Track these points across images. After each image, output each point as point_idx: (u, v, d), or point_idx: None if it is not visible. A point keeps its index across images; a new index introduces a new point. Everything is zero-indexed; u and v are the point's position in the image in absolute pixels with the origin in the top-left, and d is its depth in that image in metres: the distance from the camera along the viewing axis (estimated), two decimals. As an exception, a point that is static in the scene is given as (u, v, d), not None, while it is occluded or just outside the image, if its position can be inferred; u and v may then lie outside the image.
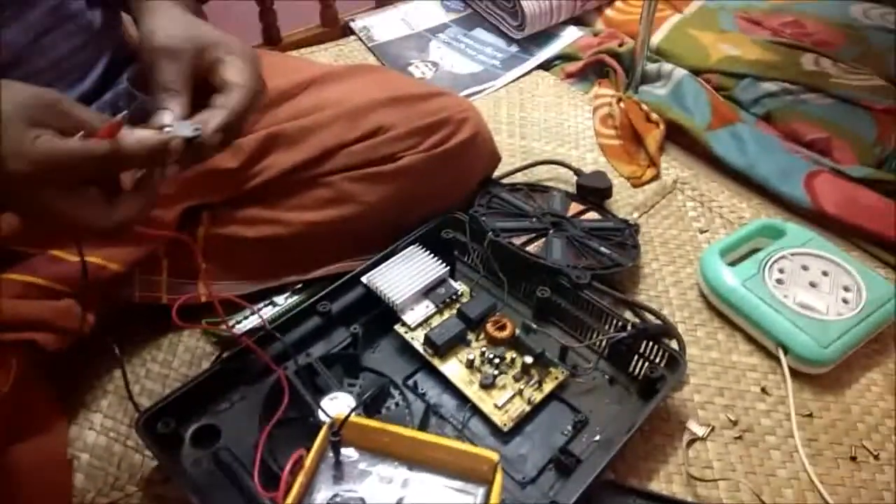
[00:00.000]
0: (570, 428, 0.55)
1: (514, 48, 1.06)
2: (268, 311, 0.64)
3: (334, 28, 1.08)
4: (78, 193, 0.38)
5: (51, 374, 0.55)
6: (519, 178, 0.80)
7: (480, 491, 0.45)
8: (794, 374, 0.62)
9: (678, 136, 0.89)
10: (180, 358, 0.61)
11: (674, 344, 0.59)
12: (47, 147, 0.37)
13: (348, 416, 0.46)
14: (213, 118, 0.42)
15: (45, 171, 0.37)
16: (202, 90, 0.45)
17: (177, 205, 0.59)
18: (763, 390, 0.62)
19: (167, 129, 0.40)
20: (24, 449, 0.50)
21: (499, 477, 0.45)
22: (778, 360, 0.63)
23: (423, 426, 0.55)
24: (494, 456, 0.45)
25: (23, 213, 0.41)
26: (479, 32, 1.09)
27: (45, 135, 0.37)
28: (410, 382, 0.59)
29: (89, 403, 0.56)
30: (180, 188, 0.59)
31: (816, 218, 0.79)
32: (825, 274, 0.69)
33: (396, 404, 0.56)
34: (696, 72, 0.96)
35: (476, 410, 0.56)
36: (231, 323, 0.60)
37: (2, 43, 0.51)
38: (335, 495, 0.44)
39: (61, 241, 0.54)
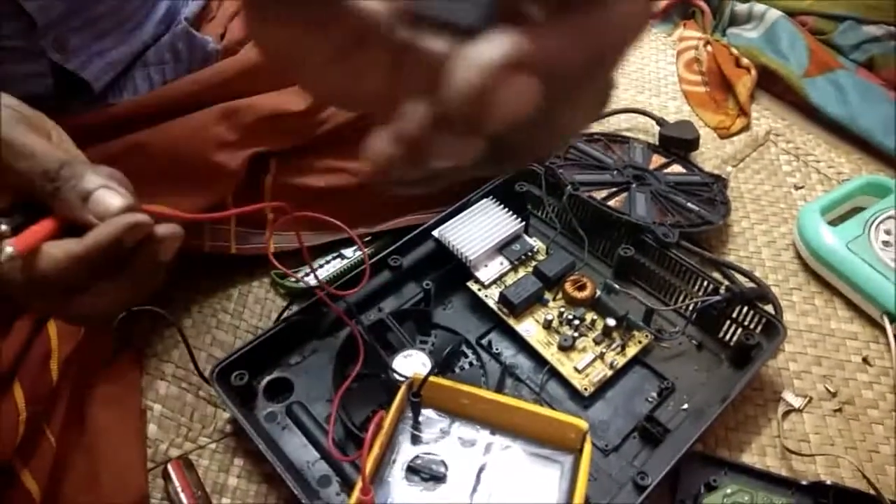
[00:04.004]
0: (655, 395, 0.52)
1: (588, -12, 0.99)
2: (336, 264, 0.62)
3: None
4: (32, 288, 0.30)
5: (123, 323, 0.54)
6: (595, 127, 0.75)
7: (567, 459, 0.43)
8: (900, 344, 0.58)
9: (770, 84, 0.82)
10: (250, 309, 0.59)
11: (769, 309, 0.55)
12: None
13: (428, 375, 0.44)
14: None
15: None
16: None
17: (243, 151, 0.57)
18: (865, 360, 0.58)
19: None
20: (99, 398, 0.50)
21: (588, 447, 0.42)
22: (882, 328, 0.59)
23: (499, 388, 0.52)
24: (584, 424, 0.42)
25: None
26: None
27: None
28: (484, 341, 0.56)
29: (161, 353, 0.56)
30: (246, 133, 0.57)
31: (924, 175, 0.72)
32: (936, 236, 0.63)
33: (470, 364, 0.54)
34: (790, 13, 0.88)
35: (554, 373, 0.53)
36: (301, 274, 0.58)
37: None
38: (416, 457, 0.43)
39: None
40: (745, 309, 0.54)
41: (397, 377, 0.49)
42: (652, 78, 0.84)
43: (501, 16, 0.16)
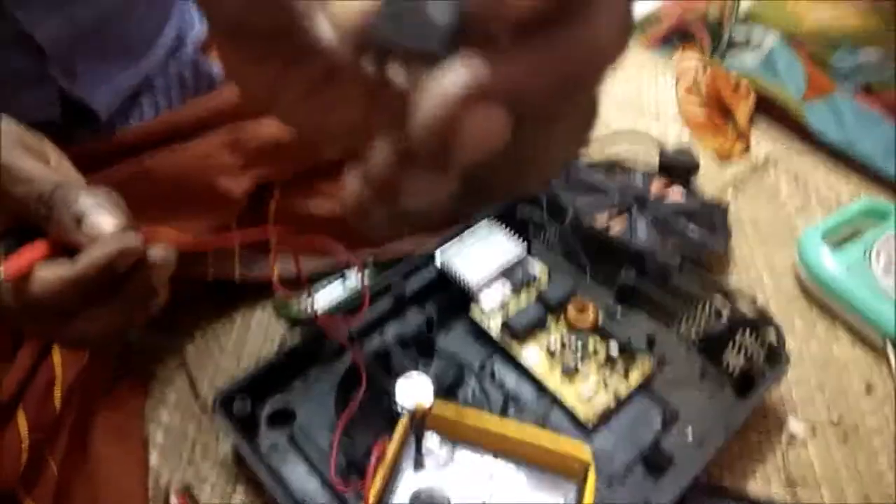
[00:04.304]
0: (659, 423, 0.52)
1: (588, 13, 1.00)
2: (339, 290, 0.62)
3: None
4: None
5: (127, 350, 0.54)
6: (595, 152, 0.76)
7: (571, 489, 0.43)
8: (903, 370, 0.58)
9: (769, 108, 0.83)
10: (253, 336, 0.59)
11: (772, 335, 0.55)
12: None
13: (431, 406, 0.44)
14: None
15: None
16: None
17: (246, 176, 0.58)
18: (868, 386, 0.57)
19: None
20: (101, 426, 0.50)
21: (591, 476, 0.42)
22: (885, 354, 0.59)
23: (502, 415, 0.52)
24: (587, 451, 0.42)
25: None
26: (551, -3, 1.03)
27: None
28: (487, 368, 0.56)
29: (163, 381, 0.56)
30: (250, 159, 0.58)
31: (924, 199, 0.73)
32: (937, 261, 0.63)
33: (473, 392, 0.54)
34: (788, 38, 0.89)
35: (557, 401, 0.53)
36: (304, 300, 0.58)
37: (68, 20, 0.49)
38: (419, 484, 0.43)
39: None
40: (748, 335, 0.54)
41: (400, 404, 0.49)
42: (651, 103, 0.85)
43: (468, 40, 0.15)
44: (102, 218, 0.29)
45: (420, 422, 0.43)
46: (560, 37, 0.15)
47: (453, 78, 0.14)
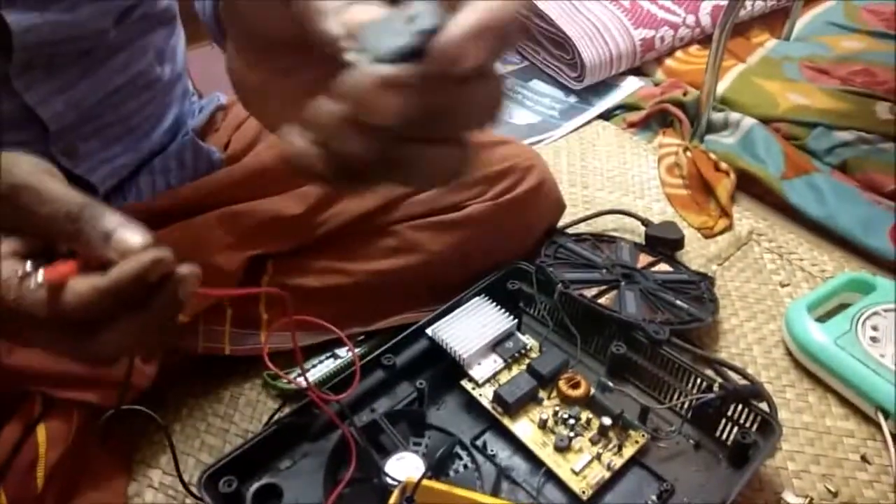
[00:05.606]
0: (654, 498, 0.51)
1: (572, 99, 1.05)
2: (329, 364, 0.62)
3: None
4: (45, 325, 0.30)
5: (112, 427, 0.53)
6: (583, 228, 0.78)
7: (566, 567, 0.41)
8: (898, 441, 0.57)
9: (749, 186, 0.86)
10: (241, 412, 0.59)
11: (764, 406, 0.54)
12: None
13: (421, 479, 0.43)
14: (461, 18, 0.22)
15: None
16: None
17: (241, 253, 0.59)
18: (863, 458, 0.57)
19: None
20: (83, 504, 0.49)
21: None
22: (878, 424, 0.58)
23: (494, 491, 0.51)
24: (582, 528, 0.41)
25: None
26: (537, 84, 1.08)
27: None
28: (479, 442, 0.55)
29: (149, 459, 0.54)
30: (244, 237, 0.59)
31: (905, 272, 0.74)
32: (923, 332, 0.64)
33: (465, 466, 0.53)
34: (764, 121, 0.93)
35: (551, 475, 0.52)
36: (293, 375, 0.58)
37: (72, 101, 0.51)
38: (408, 567, 0.41)
39: None
40: (740, 407, 0.54)
41: (390, 481, 0.48)
42: (635, 182, 0.88)
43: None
44: (130, 234, 0.30)
45: (411, 497, 0.42)
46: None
47: (378, 70, 0.21)
